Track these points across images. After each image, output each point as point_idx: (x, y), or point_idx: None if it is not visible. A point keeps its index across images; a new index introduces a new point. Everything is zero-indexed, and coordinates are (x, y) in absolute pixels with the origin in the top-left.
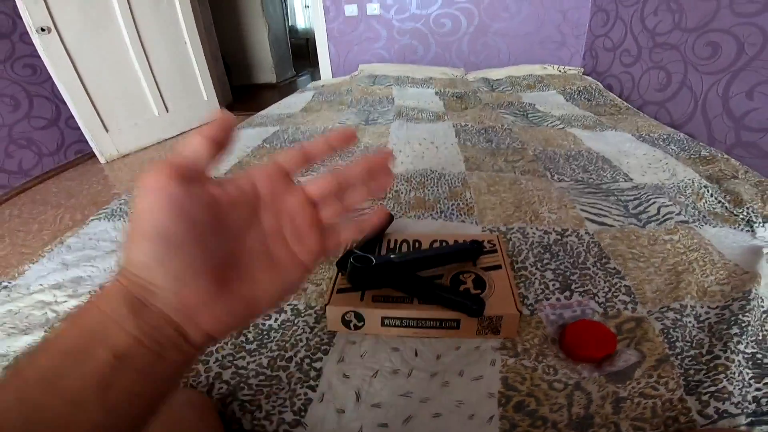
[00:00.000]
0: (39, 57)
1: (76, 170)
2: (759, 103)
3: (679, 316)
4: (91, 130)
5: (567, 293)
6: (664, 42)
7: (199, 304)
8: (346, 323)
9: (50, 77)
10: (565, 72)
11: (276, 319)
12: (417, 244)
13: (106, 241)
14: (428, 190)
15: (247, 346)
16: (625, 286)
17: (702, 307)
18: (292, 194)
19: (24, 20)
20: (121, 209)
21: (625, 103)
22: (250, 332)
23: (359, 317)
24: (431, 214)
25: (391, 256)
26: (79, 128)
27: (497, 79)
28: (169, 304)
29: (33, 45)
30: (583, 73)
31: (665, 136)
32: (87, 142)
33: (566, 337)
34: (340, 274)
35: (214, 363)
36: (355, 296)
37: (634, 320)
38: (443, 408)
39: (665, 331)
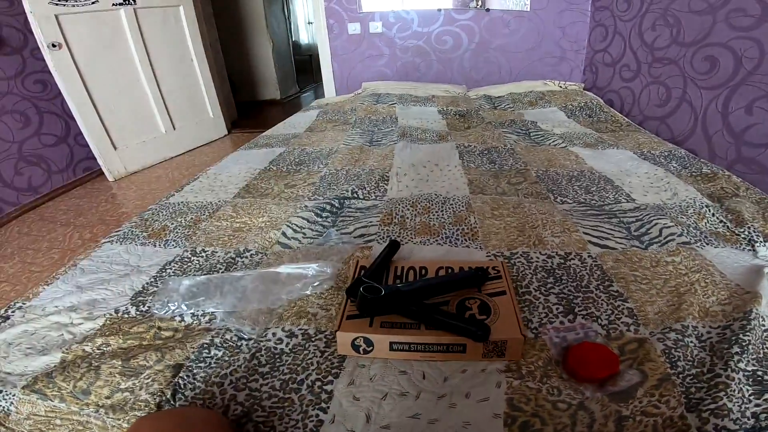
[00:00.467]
0: (50, 73)
1: (85, 188)
2: (759, 118)
3: (680, 337)
4: (100, 148)
5: (570, 316)
6: (663, 57)
7: None
8: (355, 348)
9: (60, 93)
10: (565, 87)
11: (287, 344)
12: (423, 272)
13: (119, 265)
14: (433, 215)
15: (260, 369)
16: (627, 308)
17: (704, 327)
18: None
19: (36, 36)
20: (132, 232)
21: (626, 119)
22: (262, 355)
23: (368, 342)
24: (437, 240)
25: (399, 285)
26: (87, 145)
27: (499, 96)
28: None
29: (44, 61)
30: (584, 89)
31: (666, 153)
32: (95, 160)
33: (569, 359)
34: (349, 300)
35: (228, 385)
36: (364, 322)
37: (637, 341)
38: (451, 429)
39: (667, 351)
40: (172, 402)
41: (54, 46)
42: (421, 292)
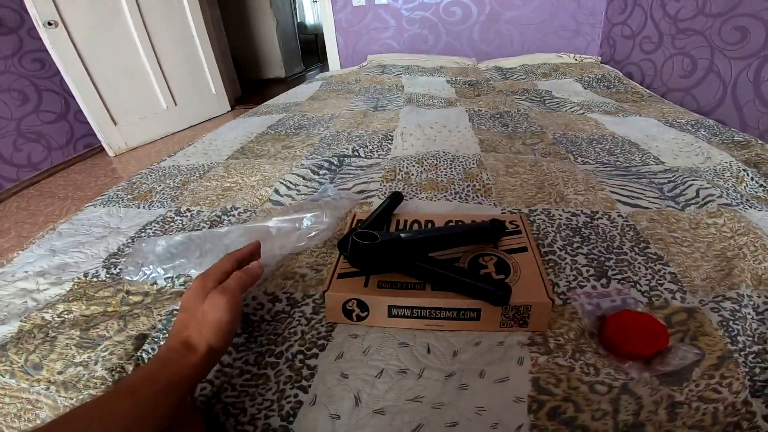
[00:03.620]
0: (47, 51)
1: (85, 163)
2: None
3: (737, 307)
4: (100, 124)
5: (603, 280)
6: (688, 28)
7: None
8: (347, 313)
9: (59, 71)
10: (581, 60)
11: (269, 309)
12: (429, 225)
13: (98, 227)
14: (441, 172)
15: (235, 340)
16: (669, 272)
17: (759, 297)
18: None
19: (31, 15)
20: (117, 195)
21: (648, 91)
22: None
23: (363, 306)
24: (445, 195)
25: (400, 234)
26: (88, 122)
27: (510, 68)
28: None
29: (41, 40)
30: (601, 62)
31: (693, 122)
32: (96, 136)
33: (607, 330)
34: (341, 257)
35: None
36: (358, 282)
37: (685, 311)
38: (461, 415)
39: (724, 323)
40: None
41: (50, 24)
42: (427, 243)
